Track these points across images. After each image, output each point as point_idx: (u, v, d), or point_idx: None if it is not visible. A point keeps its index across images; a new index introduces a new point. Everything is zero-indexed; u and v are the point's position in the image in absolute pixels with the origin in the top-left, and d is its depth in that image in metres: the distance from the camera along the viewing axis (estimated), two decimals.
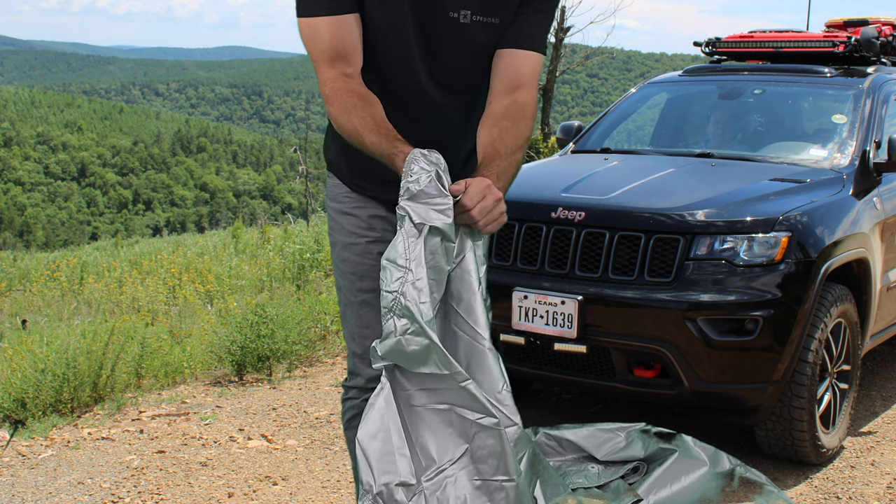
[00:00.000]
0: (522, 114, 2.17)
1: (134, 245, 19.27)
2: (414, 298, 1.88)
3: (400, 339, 1.87)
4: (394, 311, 1.88)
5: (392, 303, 1.88)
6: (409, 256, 1.91)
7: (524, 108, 2.18)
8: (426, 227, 1.91)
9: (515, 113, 2.16)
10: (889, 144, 4.25)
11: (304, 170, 22.48)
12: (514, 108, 2.17)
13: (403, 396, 1.97)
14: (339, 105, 2.10)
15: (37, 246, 44.62)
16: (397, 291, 1.88)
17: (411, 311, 1.86)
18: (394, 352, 1.90)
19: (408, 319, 1.87)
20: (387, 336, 1.89)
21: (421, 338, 1.87)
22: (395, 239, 1.93)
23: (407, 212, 1.92)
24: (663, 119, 5.40)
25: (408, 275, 1.89)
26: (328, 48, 2.11)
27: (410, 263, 1.90)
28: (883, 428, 4.24)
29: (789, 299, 3.49)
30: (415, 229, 1.91)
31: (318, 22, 2.11)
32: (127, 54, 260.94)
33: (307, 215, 16.99)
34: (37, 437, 4.01)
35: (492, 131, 2.14)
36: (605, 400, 4.54)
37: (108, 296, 8.32)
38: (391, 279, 1.89)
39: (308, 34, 2.13)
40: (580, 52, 15.70)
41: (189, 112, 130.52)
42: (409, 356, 1.89)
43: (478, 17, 2.14)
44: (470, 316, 2.01)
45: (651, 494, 2.32)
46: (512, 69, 2.20)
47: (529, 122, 2.18)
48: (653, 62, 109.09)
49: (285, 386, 4.92)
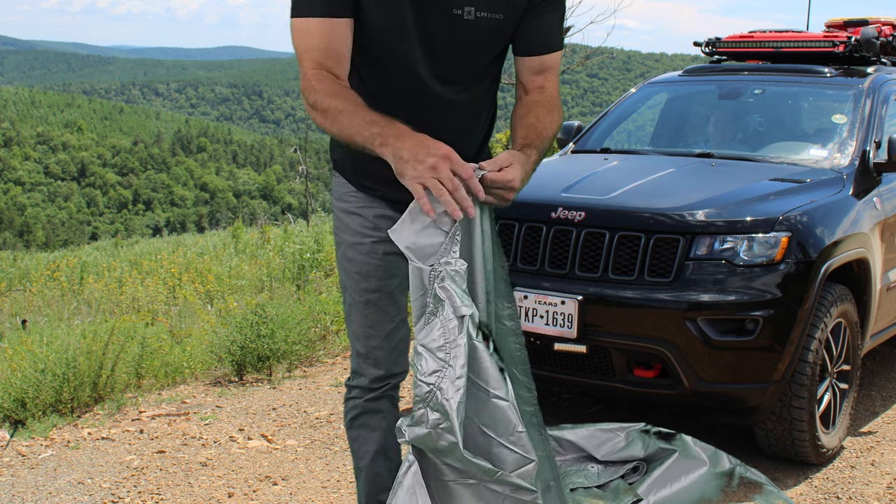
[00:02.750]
0: (554, 104, 2.26)
1: (134, 245, 19.27)
2: (451, 396, 1.83)
3: (431, 431, 1.84)
4: (428, 403, 1.84)
5: (427, 395, 1.84)
6: (450, 349, 1.87)
7: (553, 98, 2.27)
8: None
9: (548, 102, 2.25)
10: (889, 144, 4.25)
11: (304, 170, 22.46)
12: (546, 98, 2.25)
13: (433, 472, 1.93)
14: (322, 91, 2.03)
15: (37, 246, 44.63)
16: (434, 385, 1.84)
17: (446, 410, 1.82)
18: (422, 441, 1.86)
19: (441, 415, 1.83)
20: (418, 423, 1.85)
21: (451, 436, 1.83)
22: (430, 323, 1.88)
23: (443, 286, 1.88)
24: (663, 119, 5.40)
25: (447, 370, 1.85)
26: (317, 48, 2.08)
27: (450, 357, 1.86)
28: (883, 428, 4.24)
29: (789, 299, 3.49)
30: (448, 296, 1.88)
31: (310, 23, 2.09)
32: (127, 54, 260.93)
33: (307, 215, 16.98)
34: (37, 437, 4.01)
35: (529, 117, 2.20)
36: (605, 400, 4.54)
37: (108, 296, 8.32)
38: (428, 369, 1.85)
39: (299, 34, 2.11)
40: (580, 52, 15.69)
41: (189, 112, 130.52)
42: (438, 449, 1.86)
43: (482, 13, 2.14)
44: (472, 371, 1.96)
45: (651, 494, 2.32)
46: (538, 66, 2.27)
47: (560, 114, 2.27)
48: (653, 62, 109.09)
49: (285, 386, 4.92)
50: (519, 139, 2.15)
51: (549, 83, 2.28)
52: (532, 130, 2.16)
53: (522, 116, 2.21)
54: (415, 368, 1.87)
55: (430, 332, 1.87)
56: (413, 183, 1.90)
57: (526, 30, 2.23)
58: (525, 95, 2.27)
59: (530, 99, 2.25)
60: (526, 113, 2.22)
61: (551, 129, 2.20)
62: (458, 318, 1.87)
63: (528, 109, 2.22)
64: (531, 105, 2.23)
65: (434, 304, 1.91)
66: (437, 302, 1.90)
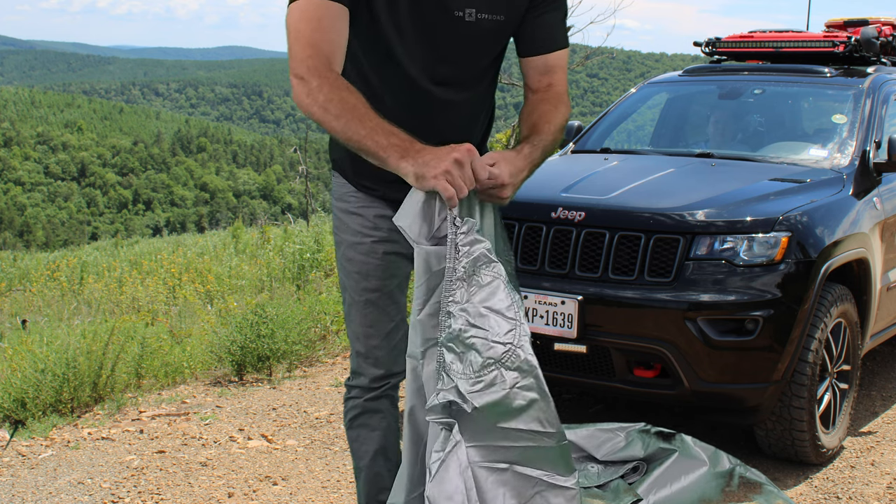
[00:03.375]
0: (560, 99, 2.25)
1: (134, 245, 19.26)
2: (531, 350, 1.81)
3: (508, 392, 1.80)
4: (504, 363, 1.80)
5: (504, 355, 1.80)
6: (517, 306, 1.85)
7: (560, 95, 2.26)
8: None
9: (554, 98, 2.24)
10: (889, 144, 4.25)
11: (304, 170, 22.46)
12: (551, 94, 2.25)
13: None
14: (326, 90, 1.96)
15: (37, 246, 44.62)
16: (512, 343, 1.81)
17: (532, 365, 1.80)
18: (495, 406, 1.80)
19: (520, 373, 1.80)
20: (488, 387, 1.79)
21: (532, 392, 1.80)
22: (493, 285, 1.86)
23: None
24: (663, 119, 5.40)
25: (519, 327, 1.83)
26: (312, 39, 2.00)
27: (519, 313, 1.84)
28: (883, 428, 4.24)
29: (789, 299, 3.49)
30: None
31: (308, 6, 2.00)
32: (127, 54, 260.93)
33: (307, 215, 16.98)
34: (37, 437, 4.01)
35: (532, 116, 2.21)
36: (605, 400, 4.54)
37: (108, 296, 8.32)
38: (499, 330, 1.82)
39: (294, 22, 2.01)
40: (580, 52, 15.68)
41: (189, 112, 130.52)
42: (510, 410, 1.81)
43: (483, 15, 2.15)
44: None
45: (651, 494, 2.32)
46: (542, 66, 2.27)
47: (567, 105, 2.26)
48: (653, 62, 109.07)
49: (285, 386, 4.92)
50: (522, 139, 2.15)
51: (557, 81, 2.27)
52: (532, 127, 2.17)
53: (527, 116, 2.22)
54: (474, 335, 1.81)
55: (489, 292, 1.84)
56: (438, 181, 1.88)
57: (528, 30, 2.24)
58: (532, 95, 2.27)
59: (536, 98, 2.25)
60: (531, 112, 2.22)
61: (555, 123, 2.19)
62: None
63: (533, 108, 2.23)
64: (536, 103, 2.24)
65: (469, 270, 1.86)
66: (477, 263, 1.86)
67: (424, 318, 1.92)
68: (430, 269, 1.91)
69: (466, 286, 1.86)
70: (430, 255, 1.92)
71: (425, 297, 1.92)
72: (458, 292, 1.85)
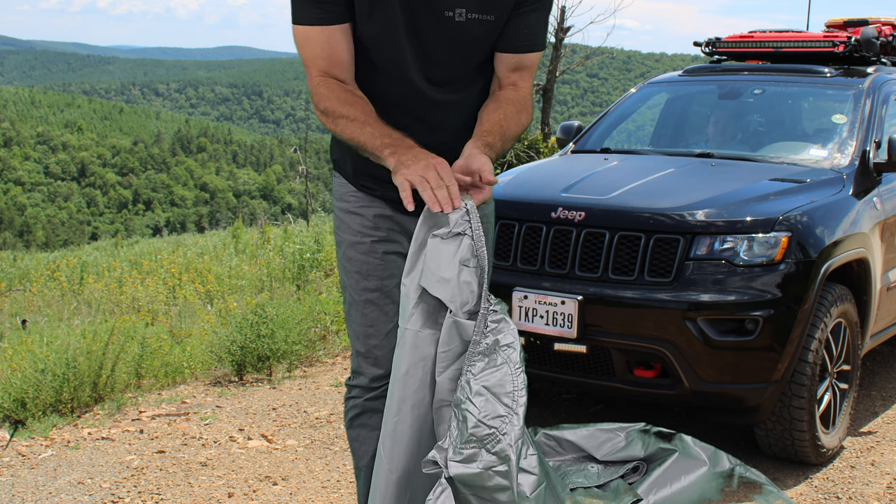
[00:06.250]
0: (524, 105, 2.26)
1: (134, 245, 19.27)
2: (514, 443, 1.84)
3: (482, 472, 1.85)
4: (485, 445, 1.85)
5: (487, 437, 1.85)
6: (517, 395, 1.88)
7: (525, 100, 2.27)
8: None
9: (519, 102, 2.25)
10: (889, 144, 4.25)
11: (304, 170, 22.47)
12: (518, 97, 2.25)
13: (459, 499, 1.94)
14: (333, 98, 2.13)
15: (37, 246, 44.63)
16: (496, 429, 1.85)
17: (508, 456, 1.84)
18: (469, 479, 1.86)
19: (499, 459, 1.84)
20: (467, 461, 1.85)
21: (504, 480, 1.84)
22: (502, 370, 1.90)
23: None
24: (663, 119, 5.40)
25: (513, 417, 1.87)
26: (319, 55, 2.16)
27: (516, 403, 1.88)
28: (883, 428, 4.24)
29: (789, 299, 3.49)
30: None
31: (310, 31, 2.15)
32: (127, 54, 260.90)
33: (307, 215, 16.98)
34: (37, 437, 4.01)
35: (496, 114, 2.21)
36: (605, 400, 4.54)
37: (108, 296, 8.32)
38: (492, 412, 1.86)
39: (301, 42, 2.18)
40: (580, 52, 15.68)
41: (189, 112, 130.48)
42: (484, 488, 1.87)
43: (473, 15, 2.15)
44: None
45: (651, 494, 2.32)
46: (514, 64, 2.27)
47: (529, 114, 2.27)
48: (653, 62, 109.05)
49: (285, 386, 4.92)
50: (482, 133, 2.16)
51: (524, 82, 2.28)
52: (497, 129, 2.17)
53: (492, 111, 2.22)
54: (468, 409, 1.86)
55: (495, 375, 1.89)
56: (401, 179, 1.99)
57: (509, 27, 2.23)
58: (498, 90, 2.28)
59: (502, 95, 2.26)
60: (495, 109, 2.23)
61: (517, 130, 2.21)
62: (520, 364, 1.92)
63: (498, 105, 2.23)
64: (502, 101, 2.24)
65: (490, 347, 1.93)
66: (497, 346, 1.93)
67: (444, 381, 1.99)
68: (461, 339, 1.98)
69: (486, 362, 1.93)
70: (461, 326, 1.97)
71: (449, 363, 1.98)
72: (477, 364, 1.92)
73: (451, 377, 1.98)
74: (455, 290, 1.96)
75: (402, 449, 2.03)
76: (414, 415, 2.02)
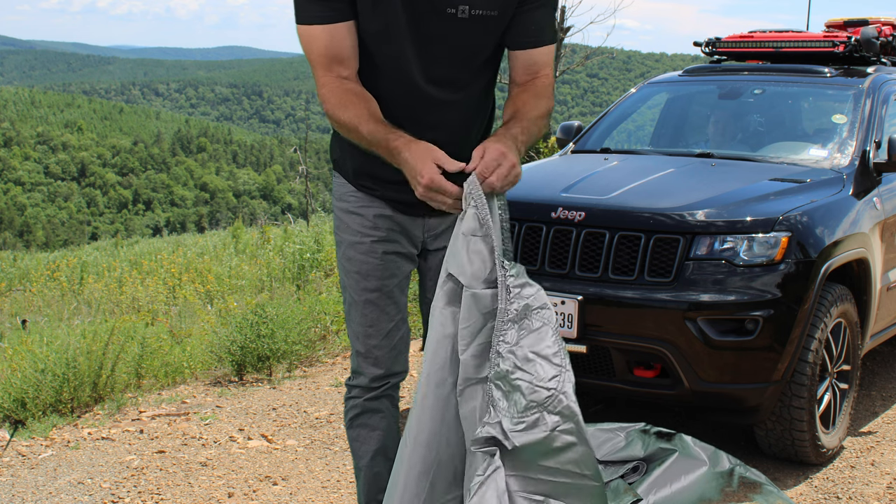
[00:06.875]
0: (543, 91, 2.27)
1: (134, 245, 19.27)
2: (574, 398, 1.86)
3: (549, 434, 1.86)
4: (546, 407, 1.86)
5: (547, 400, 1.86)
6: (563, 352, 1.90)
7: (545, 87, 2.28)
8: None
9: (536, 89, 2.26)
10: (889, 144, 4.25)
11: (304, 170, 22.48)
12: (535, 86, 2.27)
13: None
14: (335, 101, 2.15)
15: (37, 246, 44.62)
16: (555, 389, 1.87)
17: (573, 412, 1.85)
18: (536, 445, 1.87)
19: (562, 418, 1.86)
20: (530, 427, 1.86)
21: (571, 436, 1.86)
22: (542, 330, 1.92)
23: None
24: (663, 119, 5.40)
25: (565, 374, 1.89)
26: (324, 54, 2.17)
27: (565, 360, 1.90)
28: (883, 428, 4.24)
29: (789, 299, 3.49)
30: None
31: (314, 30, 2.16)
32: (127, 54, 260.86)
33: (307, 215, 16.99)
34: (37, 437, 4.01)
35: (514, 104, 2.23)
36: (605, 400, 4.54)
37: (108, 296, 8.32)
38: (544, 375, 1.88)
39: (305, 41, 2.20)
40: (580, 52, 15.68)
41: (189, 112, 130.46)
42: (549, 450, 1.88)
43: (476, 11, 2.15)
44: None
45: (651, 494, 2.32)
46: (528, 60, 2.28)
47: (550, 98, 2.28)
48: (653, 62, 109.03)
49: (285, 386, 4.92)
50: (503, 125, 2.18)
51: (543, 75, 2.30)
52: (513, 114, 2.20)
53: (508, 105, 2.25)
54: (520, 377, 1.87)
55: (538, 337, 1.90)
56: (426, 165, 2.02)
57: (517, 24, 2.24)
58: (515, 88, 2.30)
59: (519, 89, 2.28)
60: (512, 102, 2.25)
61: (536, 111, 2.21)
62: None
63: (515, 98, 2.26)
64: (518, 94, 2.26)
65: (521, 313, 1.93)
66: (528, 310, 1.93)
67: (468, 359, 1.98)
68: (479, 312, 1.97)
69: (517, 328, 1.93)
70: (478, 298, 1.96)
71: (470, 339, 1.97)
72: (508, 333, 1.92)
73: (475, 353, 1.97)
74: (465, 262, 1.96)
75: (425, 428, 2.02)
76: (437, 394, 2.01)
